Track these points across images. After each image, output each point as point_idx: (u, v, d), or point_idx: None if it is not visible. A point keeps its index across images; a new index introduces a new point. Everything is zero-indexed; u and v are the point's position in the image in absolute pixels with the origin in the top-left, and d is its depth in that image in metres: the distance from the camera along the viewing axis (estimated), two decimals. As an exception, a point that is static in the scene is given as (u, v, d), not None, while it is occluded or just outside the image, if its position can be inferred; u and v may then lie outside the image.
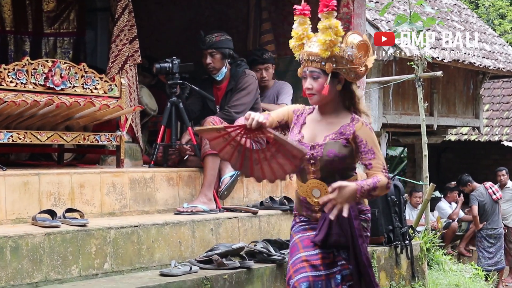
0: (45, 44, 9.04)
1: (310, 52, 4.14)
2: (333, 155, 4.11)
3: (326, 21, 4.07)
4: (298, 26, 4.21)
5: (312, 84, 4.14)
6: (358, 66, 4.13)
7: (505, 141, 18.75)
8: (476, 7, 25.14)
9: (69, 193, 5.68)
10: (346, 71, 4.12)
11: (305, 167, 4.20)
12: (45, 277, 4.95)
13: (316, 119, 4.27)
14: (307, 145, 4.17)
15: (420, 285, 7.85)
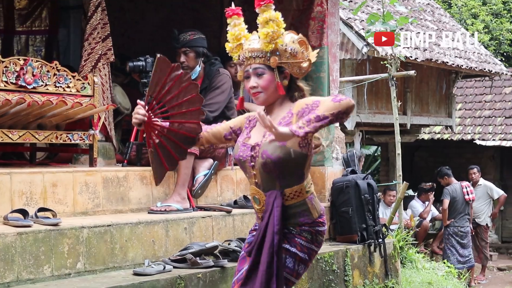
0: (17, 42, 8.98)
1: (252, 48, 3.95)
2: (266, 156, 3.85)
3: (266, 13, 3.87)
4: (233, 27, 4.04)
5: (257, 81, 3.93)
6: (302, 61, 3.98)
7: (478, 139, 18.88)
8: (449, 7, 25.27)
9: (41, 192, 5.65)
10: (291, 65, 3.95)
11: (247, 171, 4.00)
12: (17, 277, 4.92)
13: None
14: (248, 145, 3.96)
15: (394, 283, 7.89)
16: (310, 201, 3.94)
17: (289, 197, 3.90)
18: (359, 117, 14.90)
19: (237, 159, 4.03)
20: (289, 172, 3.86)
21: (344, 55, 14.02)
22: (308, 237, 3.90)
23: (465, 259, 13.09)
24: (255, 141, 3.95)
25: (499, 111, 19.54)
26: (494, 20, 24.60)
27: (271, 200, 3.86)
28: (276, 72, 3.91)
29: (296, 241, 3.88)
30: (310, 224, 3.91)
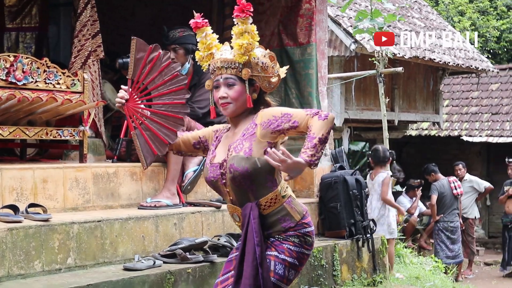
0: (7, 39, 8.97)
1: (225, 58, 3.91)
2: (233, 170, 3.78)
3: (242, 25, 3.84)
4: (205, 37, 4.02)
5: (227, 92, 3.87)
6: (271, 75, 3.93)
7: (464, 136, 18.94)
8: (436, 4, 25.34)
9: (31, 188, 5.64)
10: (261, 79, 3.91)
11: (221, 190, 3.95)
12: (8, 273, 4.92)
13: (230, 135, 4.00)
14: (217, 164, 3.90)
15: (381, 278, 7.91)
16: (289, 205, 3.87)
17: (265, 206, 3.84)
18: (347, 114, 14.92)
19: (209, 181, 3.98)
20: (260, 181, 3.80)
21: (332, 52, 14.05)
22: (296, 241, 3.84)
23: (454, 254, 13.13)
24: (222, 158, 3.90)
25: (486, 107, 19.61)
26: (481, 17, 24.67)
27: (247, 213, 3.80)
28: (247, 84, 3.87)
29: (283, 247, 3.81)
30: (295, 228, 3.84)
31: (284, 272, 3.80)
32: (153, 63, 4.18)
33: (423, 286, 8.53)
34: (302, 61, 7.98)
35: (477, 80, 19.71)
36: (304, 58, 7.98)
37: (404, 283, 8.38)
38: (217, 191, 4.03)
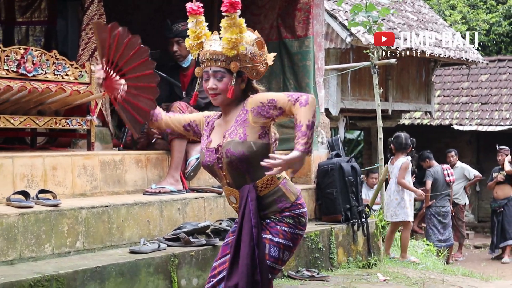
0: (18, 32, 8.95)
1: (214, 51, 3.83)
2: (230, 154, 3.76)
3: (230, 19, 3.78)
4: (195, 25, 3.94)
5: (216, 84, 3.82)
6: (259, 64, 3.88)
7: (455, 125, 18.94)
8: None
9: (42, 175, 5.65)
10: (249, 69, 3.86)
11: (217, 174, 3.91)
12: (20, 255, 4.94)
13: (222, 121, 3.95)
14: (212, 149, 3.87)
15: (376, 260, 7.93)
16: (284, 186, 3.85)
17: (262, 188, 3.81)
18: (343, 104, 14.92)
19: (205, 166, 3.95)
20: (256, 164, 3.75)
21: (328, 45, 14.04)
22: (290, 222, 3.81)
23: (445, 237, 13.15)
24: (217, 143, 3.87)
25: (476, 97, 19.60)
26: (471, 11, 24.64)
27: (244, 195, 3.79)
28: (234, 76, 3.82)
29: (278, 229, 3.79)
30: (290, 208, 3.82)
31: (278, 254, 3.78)
32: (117, 40, 4.16)
33: (415, 268, 8.56)
34: (300, 53, 7.98)
35: (467, 71, 19.70)
36: (301, 50, 7.98)
37: (399, 265, 8.40)
38: (213, 174, 4.00)
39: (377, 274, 7.33)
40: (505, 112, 18.64)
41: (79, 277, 4.78)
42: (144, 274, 5.19)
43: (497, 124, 18.36)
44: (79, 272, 4.79)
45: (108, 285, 4.94)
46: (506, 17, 24.08)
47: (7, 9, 8.88)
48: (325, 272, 7.04)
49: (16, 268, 4.79)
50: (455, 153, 14.69)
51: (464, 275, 8.86)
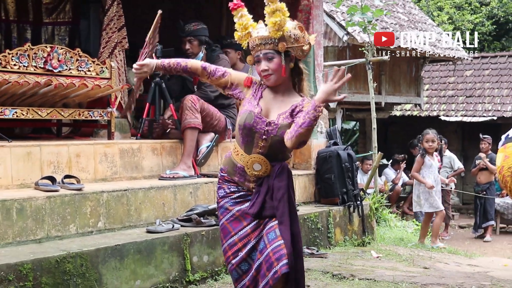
0: (44, 32, 8.97)
1: (262, 36, 3.86)
2: (280, 134, 3.81)
3: (273, 4, 3.80)
4: (240, 18, 3.95)
5: (268, 65, 3.85)
6: (303, 44, 3.90)
7: (442, 116, 18.91)
8: (418, 1, 25.22)
9: (66, 161, 5.66)
10: (295, 49, 3.88)
11: (254, 140, 3.88)
12: (47, 234, 4.95)
13: (270, 96, 3.95)
14: (264, 120, 3.86)
15: (370, 239, 7.94)
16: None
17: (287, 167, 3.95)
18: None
19: (248, 127, 3.88)
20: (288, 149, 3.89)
21: (327, 43, 14.01)
22: None
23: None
24: (272, 119, 3.88)
25: (461, 91, 19.56)
26: (457, 12, 24.56)
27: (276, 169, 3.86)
28: (282, 56, 3.86)
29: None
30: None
31: None
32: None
33: (406, 245, 8.56)
34: (301, 51, 7.96)
35: (453, 67, 19.67)
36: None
37: (391, 243, 8.41)
38: (246, 137, 3.92)
39: (371, 251, 7.33)
40: (488, 104, 18.60)
41: (101, 254, 4.79)
42: (160, 252, 5.20)
43: (480, 116, 18.33)
44: (101, 249, 4.81)
45: (127, 261, 4.95)
46: (489, 18, 24.01)
47: (35, 11, 8.90)
48: (323, 250, 7.05)
49: (44, 246, 4.80)
50: (444, 142, 14.66)
51: (449, 253, 8.87)
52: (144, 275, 5.06)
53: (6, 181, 5.24)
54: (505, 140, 4.11)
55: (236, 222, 3.95)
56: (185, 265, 5.39)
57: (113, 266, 4.85)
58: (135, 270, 5.00)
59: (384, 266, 6.66)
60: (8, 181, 5.25)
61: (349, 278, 5.96)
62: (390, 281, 5.90)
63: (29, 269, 4.33)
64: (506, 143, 4.08)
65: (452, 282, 5.94)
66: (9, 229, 4.74)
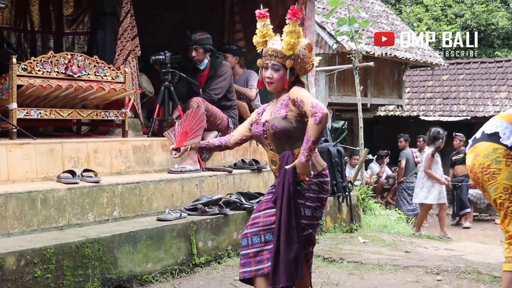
0: (65, 41, 8.96)
1: (275, 49, 3.89)
2: (274, 127, 3.86)
3: (292, 26, 3.86)
4: (263, 27, 3.98)
5: (273, 74, 3.90)
6: (307, 64, 3.98)
7: (422, 116, 18.91)
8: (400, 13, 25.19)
9: (85, 157, 5.66)
10: (300, 67, 3.95)
11: (264, 142, 3.99)
12: (68, 222, 4.95)
13: (272, 104, 4.07)
14: (260, 123, 3.99)
15: (357, 226, 7.94)
16: (314, 158, 3.88)
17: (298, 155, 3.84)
18: (330, 99, 14.90)
19: (254, 136, 4.06)
20: (294, 136, 3.86)
21: (318, 50, 13.99)
22: (315, 189, 3.87)
23: (413, 207, 13.13)
24: (265, 118, 3.97)
25: (438, 93, 19.55)
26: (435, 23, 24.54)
27: (284, 158, 3.87)
28: (288, 71, 3.93)
29: (306, 196, 3.85)
30: (316, 176, 3.87)
31: (311, 213, 3.87)
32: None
33: (389, 232, 8.56)
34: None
35: (431, 72, 19.66)
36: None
37: (376, 230, 8.41)
38: (260, 142, 4.09)
39: (358, 237, 7.33)
40: (462, 105, 18.60)
41: (116, 240, 4.79)
42: (169, 238, 5.20)
43: (456, 116, 18.32)
44: (116, 236, 4.80)
45: (139, 246, 4.95)
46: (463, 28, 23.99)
47: (57, 23, 8.90)
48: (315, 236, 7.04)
49: (65, 232, 4.80)
50: (423, 139, 14.64)
51: (428, 238, 8.87)
52: (154, 258, 5.06)
53: (32, 174, 5.24)
54: (473, 142, 4.12)
55: (268, 203, 3.97)
56: (191, 250, 5.38)
57: (127, 250, 4.85)
58: (147, 254, 5.00)
59: (369, 250, 6.66)
60: (33, 175, 5.25)
61: (339, 261, 5.96)
62: (375, 263, 5.90)
63: (52, 253, 4.33)
64: (474, 144, 4.09)
65: (431, 264, 5.94)
66: (34, 217, 4.74)
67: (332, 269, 5.67)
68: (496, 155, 3.93)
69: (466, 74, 19.79)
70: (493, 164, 3.93)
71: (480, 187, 4.07)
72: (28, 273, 4.18)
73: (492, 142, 3.97)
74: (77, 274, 4.48)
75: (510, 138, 3.92)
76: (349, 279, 5.36)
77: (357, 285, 5.19)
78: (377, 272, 5.65)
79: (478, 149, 4.02)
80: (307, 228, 3.90)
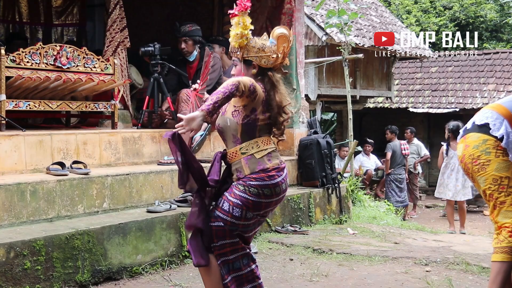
0: (54, 33, 8.94)
1: (232, 46, 3.79)
2: (217, 125, 3.80)
3: (237, 18, 3.74)
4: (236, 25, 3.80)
5: (234, 71, 3.81)
6: (270, 54, 3.75)
7: (411, 108, 18.95)
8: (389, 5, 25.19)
9: (75, 149, 5.64)
10: (258, 58, 3.72)
11: None
12: (58, 214, 4.94)
13: None
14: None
15: (346, 218, 7.95)
16: (244, 161, 3.70)
17: (230, 157, 3.76)
18: (319, 90, 14.91)
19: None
20: (228, 137, 3.76)
21: (308, 42, 13.98)
22: (240, 188, 3.69)
23: (402, 199, 13.18)
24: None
25: (427, 85, 19.59)
26: (424, 15, 24.58)
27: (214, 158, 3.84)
28: (241, 63, 3.78)
29: (232, 190, 3.70)
30: (243, 179, 3.69)
31: (228, 208, 3.68)
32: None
33: (378, 223, 8.59)
34: (285, 50, 7.94)
35: (420, 64, 19.70)
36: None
37: (365, 221, 8.43)
38: None
39: (347, 228, 7.35)
40: (451, 97, 18.65)
41: (106, 231, 4.78)
42: (159, 229, 5.20)
43: (444, 107, 18.37)
44: (106, 227, 4.80)
45: (129, 238, 4.94)
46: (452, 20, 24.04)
47: (46, 14, 8.88)
48: (305, 227, 7.07)
49: (55, 224, 4.79)
50: (410, 131, 14.69)
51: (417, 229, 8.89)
52: (144, 250, 5.06)
53: (21, 166, 5.22)
54: (464, 133, 4.13)
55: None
56: (181, 241, 5.38)
57: (117, 242, 4.85)
58: (137, 246, 5.00)
59: (359, 241, 6.68)
60: (23, 166, 5.23)
61: (328, 252, 5.98)
62: (365, 255, 5.92)
63: (42, 245, 4.32)
64: (465, 134, 4.10)
65: (420, 255, 5.97)
66: (23, 209, 4.72)
67: (322, 261, 5.69)
68: (486, 146, 3.94)
69: (454, 66, 19.84)
70: (483, 155, 3.95)
71: (470, 177, 4.09)
72: (17, 265, 4.17)
73: (482, 133, 3.98)
74: (67, 265, 4.48)
75: (500, 130, 3.93)
76: (338, 270, 5.37)
77: (346, 276, 5.20)
78: (366, 263, 5.67)
79: (468, 140, 4.03)
80: (218, 220, 3.69)
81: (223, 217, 3.69)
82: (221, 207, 3.71)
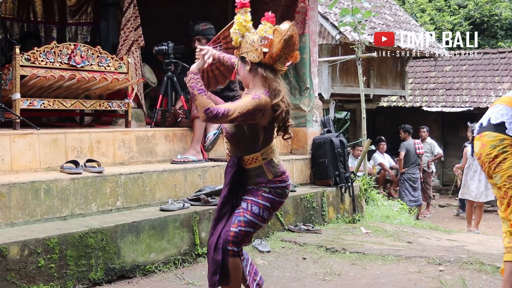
0: (69, 32, 8.97)
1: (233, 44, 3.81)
2: (226, 131, 3.77)
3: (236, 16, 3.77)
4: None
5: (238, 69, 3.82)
6: (258, 48, 3.64)
7: (424, 106, 18.87)
8: (403, 3, 25.11)
9: (88, 147, 5.66)
10: (249, 53, 3.67)
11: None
12: (71, 212, 4.96)
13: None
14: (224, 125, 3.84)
15: (359, 217, 7.94)
16: (266, 166, 3.71)
17: (247, 163, 3.74)
18: (333, 89, 14.88)
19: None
20: (244, 143, 3.72)
21: (321, 41, 13.96)
22: (266, 190, 3.71)
23: (415, 198, 13.13)
24: None
25: (441, 84, 19.51)
26: (438, 13, 24.48)
27: (229, 164, 3.80)
28: (238, 61, 3.79)
29: (258, 193, 3.72)
30: (266, 183, 3.71)
31: (259, 211, 3.71)
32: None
33: (391, 222, 8.56)
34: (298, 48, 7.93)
35: (434, 63, 19.62)
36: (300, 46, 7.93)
37: (378, 220, 8.41)
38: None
39: (360, 228, 7.33)
40: (465, 96, 18.55)
41: (119, 230, 4.79)
42: (172, 228, 5.20)
43: (458, 106, 18.28)
44: (119, 226, 4.81)
45: (142, 236, 4.95)
46: (466, 19, 23.93)
47: (60, 13, 8.91)
48: (318, 226, 7.05)
49: (69, 222, 4.81)
50: (426, 130, 14.65)
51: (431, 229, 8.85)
52: (158, 248, 5.06)
53: (35, 164, 5.24)
54: (480, 129, 4.11)
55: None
56: (194, 240, 5.39)
57: (130, 240, 4.86)
58: (150, 244, 5.01)
59: (372, 240, 6.66)
60: (37, 165, 5.25)
61: (341, 252, 5.96)
62: (378, 254, 5.90)
63: (56, 243, 4.34)
64: (481, 132, 4.08)
65: (433, 255, 5.94)
66: (37, 207, 4.74)
67: (335, 260, 5.67)
68: (503, 146, 3.95)
69: (469, 65, 19.73)
70: (501, 154, 3.95)
71: (486, 174, 4.09)
72: (31, 263, 4.19)
73: (498, 132, 3.97)
74: (80, 263, 4.49)
75: None
76: (351, 270, 5.36)
77: (359, 276, 5.19)
78: (379, 262, 5.65)
79: (485, 138, 4.02)
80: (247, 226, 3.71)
81: (255, 221, 3.73)
82: (251, 211, 3.72)
